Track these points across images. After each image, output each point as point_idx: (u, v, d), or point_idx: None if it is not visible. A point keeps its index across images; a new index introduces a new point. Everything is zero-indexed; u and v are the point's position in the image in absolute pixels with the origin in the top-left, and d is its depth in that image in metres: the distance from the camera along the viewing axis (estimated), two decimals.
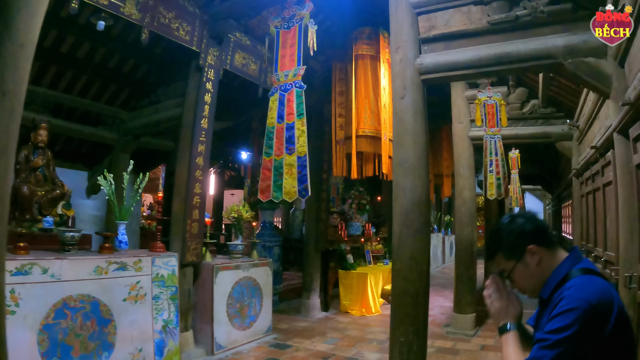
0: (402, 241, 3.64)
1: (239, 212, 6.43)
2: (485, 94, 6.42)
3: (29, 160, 5.04)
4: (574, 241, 7.22)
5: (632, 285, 3.15)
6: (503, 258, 1.58)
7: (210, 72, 5.34)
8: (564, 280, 1.44)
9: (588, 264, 1.50)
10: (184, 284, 5.20)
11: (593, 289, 1.35)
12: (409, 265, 3.59)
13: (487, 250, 1.67)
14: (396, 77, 3.91)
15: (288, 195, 4.09)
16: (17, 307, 3.53)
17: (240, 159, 11.35)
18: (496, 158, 6.38)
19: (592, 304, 1.29)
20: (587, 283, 1.38)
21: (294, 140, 4.12)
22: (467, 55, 3.77)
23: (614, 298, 1.35)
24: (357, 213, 10.52)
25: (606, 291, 1.36)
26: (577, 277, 1.41)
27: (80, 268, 4.02)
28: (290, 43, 4.34)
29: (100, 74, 6.57)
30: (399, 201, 3.72)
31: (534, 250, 1.51)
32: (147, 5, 4.54)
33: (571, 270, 1.45)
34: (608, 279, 1.46)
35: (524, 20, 3.61)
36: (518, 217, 1.59)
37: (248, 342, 5.85)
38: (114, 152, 7.30)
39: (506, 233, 1.56)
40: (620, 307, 1.35)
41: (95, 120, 7.18)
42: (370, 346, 5.94)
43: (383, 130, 6.34)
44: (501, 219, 1.64)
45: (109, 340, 4.16)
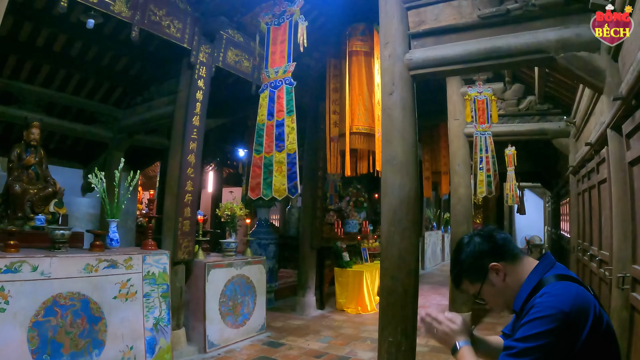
0: (390, 239, 3.60)
1: (232, 209, 6.40)
2: (476, 89, 6.33)
3: (21, 158, 5.03)
4: (571, 239, 7.16)
5: (625, 286, 3.09)
6: (469, 282, 1.54)
7: (202, 69, 5.32)
8: (536, 289, 1.38)
9: (561, 269, 1.44)
10: (175, 281, 5.18)
11: (566, 295, 1.29)
12: (397, 264, 3.55)
13: (451, 278, 1.62)
14: (385, 72, 3.87)
15: (277, 193, 4.07)
16: (7, 305, 3.54)
17: (238, 156, 11.33)
18: (486, 155, 6.28)
19: (565, 311, 1.24)
20: (561, 289, 1.32)
21: (283, 138, 4.09)
22: (457, 50, 3.72)
23: (589, 304, 1.29)
24: (354, 210, 10.47)
25: (581, 297, 1.30)
26: (550, 284, 1.35)
27: (70, 266, 4.02)
28: (281, 39, 4.31)
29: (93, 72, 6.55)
30: (387, 199, 3.69)
31: (497, 268, 1.47)
32: (137, 3, 4.51)
33: (543, 278, 1.40)
34: (585, 285, 1.39)
35: (515, 13, 3.56)
36: (475, 236, 1.55)
37: (241, 340, 5.83)
38: (108, 150, 7.28)
39: (465, 256, 1.52)
40: (598, 313, 1.29)
41: (90, 118, 7.17)
42: (363, 345, 5.91)
43: (377, 127, 6.29)
44: (460, 240, 1.59)
45: (99, 337, 4.16)
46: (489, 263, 1.47)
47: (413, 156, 3.72)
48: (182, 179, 5.22)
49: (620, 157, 3.43)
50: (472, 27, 3.72)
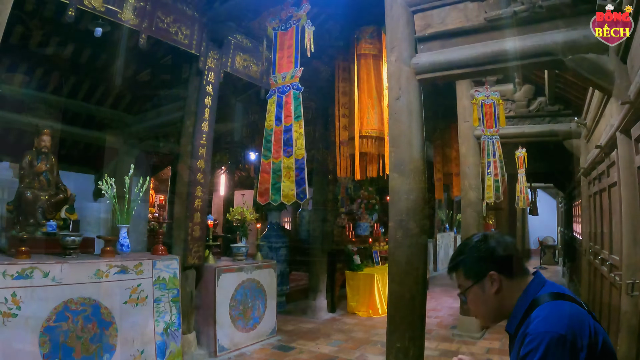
0: (397, 245, 3.58)
1: (242, 214, 6.42)
2: (483, 93, 6.26)
3: (32, 165, 5.09)
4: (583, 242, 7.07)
5: (634, 292, 3.03)
6: (462, 275, 1.52)
7: (210, 75, 5.35)
8: (530, 309, 1.35)
9: (554, 287, 1.41)
10: (186, 286, 5.22)
11: (559, 317, 1.26)
12: (405, 269, 3.53)
13: (450, 262, 1.60)
14: (391, 77, 3.86)
15: (286, 199, 4.07)
16: (19, 310, 3.62)
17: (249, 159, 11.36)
18: (494, 159, 6.20)
19: (560, 334, 1.20)
20: (553, 311, 1.28)
21: (291, 143, 4.10)
22: (464, 53, 3.69)
23: (584, 324, 1.25)
24: (366, 213, 10.45)
25: (575, 317, 1.26)
26: (543, 305, 1.32)
27: (81, 271, 4.09)
28: (288, 44, 4.32)
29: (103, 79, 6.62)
30: (394, 205, 3.67)
31: (495, 277, 1.44)
32: (145, 11, 4.55)
33: (537, 297, 1.37)
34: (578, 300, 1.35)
35: (522, 16, 3.51)
36: (491, 238, 1.51)
37: (252, 343, 5.85)
38: (118, 156, 7.36)
39: (472, 251, 1.50)
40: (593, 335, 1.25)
41: (100, 124, 7.25)
42: (374, 349, 5.90)
43: (386, 130, 6.27)
44: (474, 235, 1.57)
45: (110, 342, 4.21)
46: (490, 270, 1.44)
47: (420, 162, 3.70)
48: (191, 185, 5.25)
49: (630, 161, 3.38)
50: (478, 30, 3.68)
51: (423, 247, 3.63)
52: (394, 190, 3.71)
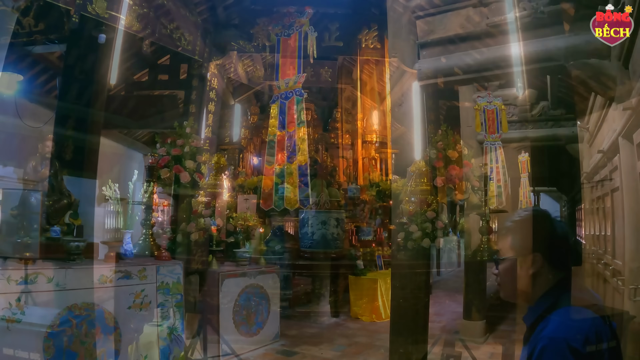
0: (400, 251, 3.59)
1: (245, 219, 6.43)
2: (485, 99, 6.25)
3: (37, 170, 5.12)
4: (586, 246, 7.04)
5: (637, 298, 3.02)
6: (511, 241, 1.44)
7: (213, 81, 5.38)
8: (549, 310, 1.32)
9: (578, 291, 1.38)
10: (189, 291, 5.23)
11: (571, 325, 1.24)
12: (407, 275, 3.54)
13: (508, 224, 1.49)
14: (394, 84, 3.88)
15: (290, 204, 4.10)
16: (23, 315, 3.61)
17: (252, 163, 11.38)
18: (497, 165, 6.20)
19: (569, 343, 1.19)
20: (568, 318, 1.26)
21: (294, 149, 4.12)
22: (467, 59, 3.71)
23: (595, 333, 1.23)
24: (369, 217, 10.43)
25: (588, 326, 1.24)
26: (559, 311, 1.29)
27: (85, 277, 4.08)
28: (291, 50, 4.35)
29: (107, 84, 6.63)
30: (397, 210, 3.68)
31: (538, 260, 1.37)
32: (148, 17, 4.59)
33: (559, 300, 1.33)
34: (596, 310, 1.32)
35: (524, 21, 3.53)
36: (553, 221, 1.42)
37: (255, 348, 5.84)
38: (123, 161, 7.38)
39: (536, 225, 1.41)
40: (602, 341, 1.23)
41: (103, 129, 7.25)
42: (377, 353, 5.87)
43: (389, 135, 6.30)
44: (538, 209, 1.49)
45: (114, 347, 4.20)
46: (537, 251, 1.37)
47: (423, 165, 3.71)
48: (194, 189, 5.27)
49: (632, 166, 3.37)
50: (481, 36, 3.71)
51: (426, 252, 3.63)
52: (396, 193, 3.72)
